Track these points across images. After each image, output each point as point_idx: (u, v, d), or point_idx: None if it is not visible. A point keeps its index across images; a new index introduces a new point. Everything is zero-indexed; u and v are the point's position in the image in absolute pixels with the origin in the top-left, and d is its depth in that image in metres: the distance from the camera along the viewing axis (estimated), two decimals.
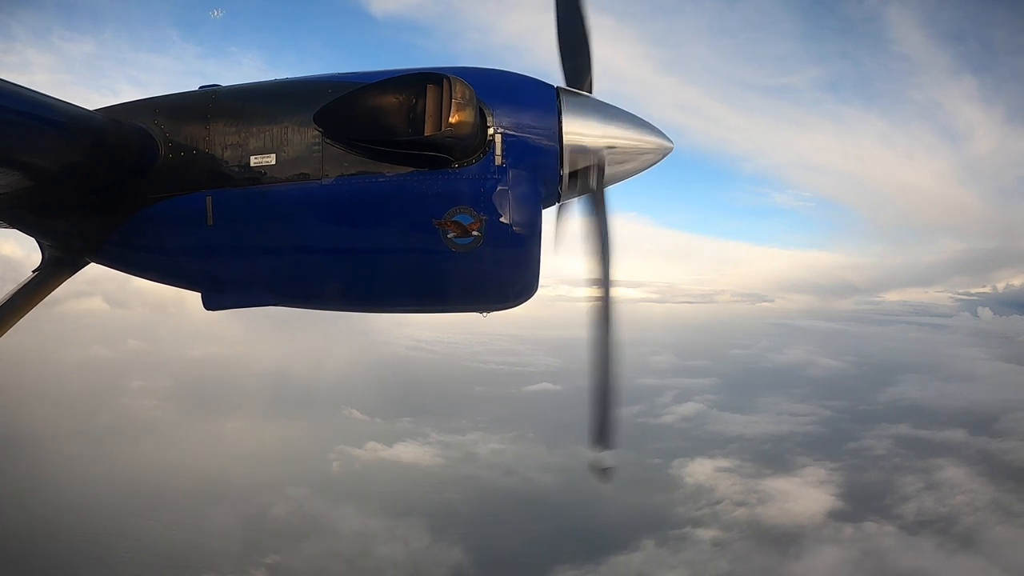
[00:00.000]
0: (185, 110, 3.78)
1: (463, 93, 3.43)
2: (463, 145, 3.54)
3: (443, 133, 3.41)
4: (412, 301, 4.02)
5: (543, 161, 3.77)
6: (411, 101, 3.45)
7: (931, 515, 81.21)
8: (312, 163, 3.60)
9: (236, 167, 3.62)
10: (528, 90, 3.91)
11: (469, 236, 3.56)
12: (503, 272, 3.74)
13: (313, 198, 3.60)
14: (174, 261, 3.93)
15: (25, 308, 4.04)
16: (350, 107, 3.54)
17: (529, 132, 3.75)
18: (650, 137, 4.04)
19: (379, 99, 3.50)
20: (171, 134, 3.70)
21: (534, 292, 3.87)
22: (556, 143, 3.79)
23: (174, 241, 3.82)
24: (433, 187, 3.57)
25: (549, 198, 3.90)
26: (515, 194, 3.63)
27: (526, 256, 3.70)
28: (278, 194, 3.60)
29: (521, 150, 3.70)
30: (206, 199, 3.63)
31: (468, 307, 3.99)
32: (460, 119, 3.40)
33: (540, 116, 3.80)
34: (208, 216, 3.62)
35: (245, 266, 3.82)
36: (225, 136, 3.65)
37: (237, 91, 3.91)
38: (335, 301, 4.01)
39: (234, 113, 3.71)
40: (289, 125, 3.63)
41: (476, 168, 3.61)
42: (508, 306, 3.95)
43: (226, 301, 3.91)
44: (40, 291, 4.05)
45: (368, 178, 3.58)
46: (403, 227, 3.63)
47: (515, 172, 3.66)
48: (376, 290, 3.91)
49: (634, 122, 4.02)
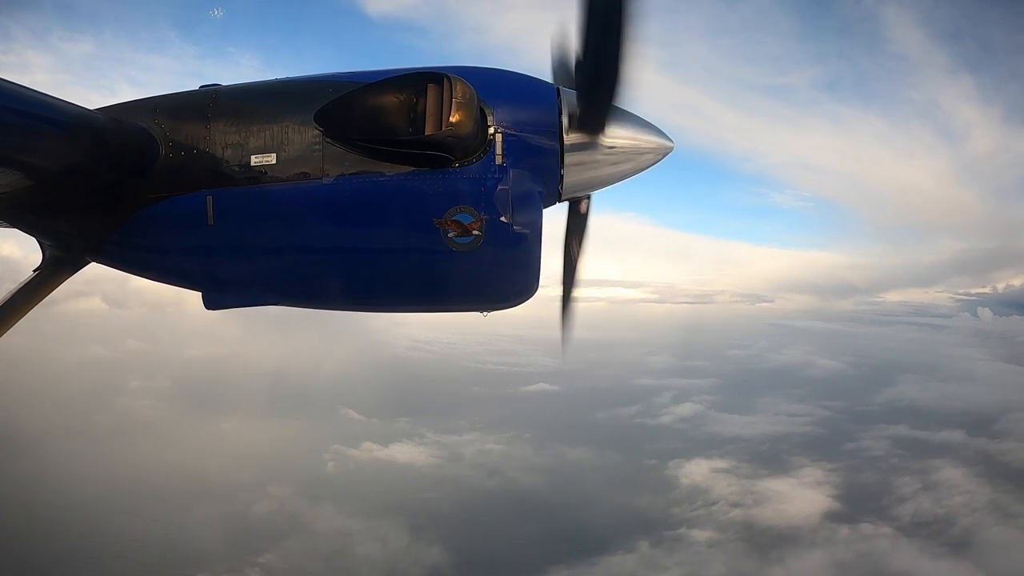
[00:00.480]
0: (185, 109, 3.78)
1: (464, 92, 3.43)
2: (463, 144, 3.54)
3: (443, 132, 3.41)
4: (413, 300, 4.02)
5: (544, 160, 3.77)
6: (412, 100, 3.45)
7: (928, 516, 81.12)
8: (313, 162, 3.59)
9: (236, 166, 3.62)
10: (529, 89, 3.91)
11: (469, 235, 3.55)
12: (503, 271, 3.74)
13: (313, 197, 3.60)
14: (174, 261, 3.93)
15: (26, 307, 4.04)
16: (351, 106, 3.53)
17: (530, 131, 3.73)
18: (651, 137, 4.03)
19: (380, 98, 3.50)
20: (171, 133, 3.70)
21: (534, 291, 3.88)
22: (557, 142, 3.77)
23: (174, 241, 3.81)
24: (433, 186, 3.57)
25: (549, 197, 3.90)
26: (516, 193, 3.61)
27: (526, 255, 3.70)
28: (278, 193, 3.60)
29: (522, 149, 3.70)
30: (206, 198, 3.62)
31: (469, 306, 4.00)
32: (460, 118, 3.40)
33: (541, 115, 3.79)
34: (208, 215, 3.61)
35: (245, 265, 3.82)
36: (225, 135, 3.64)
37: (237, 90, 3.91)
38: (336, 300, 4.01)
39: (234, 112, 3.70)
40: (289, 124, 3.63)
41: (477, 167, 3.60)
42: (509, 305, 3.95)
43: (227, 300, 3.91)
44: (41, 290, 4.05)
45: (369, 177, 3.58)
46: (404, 226, 3.63)
47: (516, 171, 3.65)
48: (377, 289, 3.91)
49: (635, 122, 3.98)
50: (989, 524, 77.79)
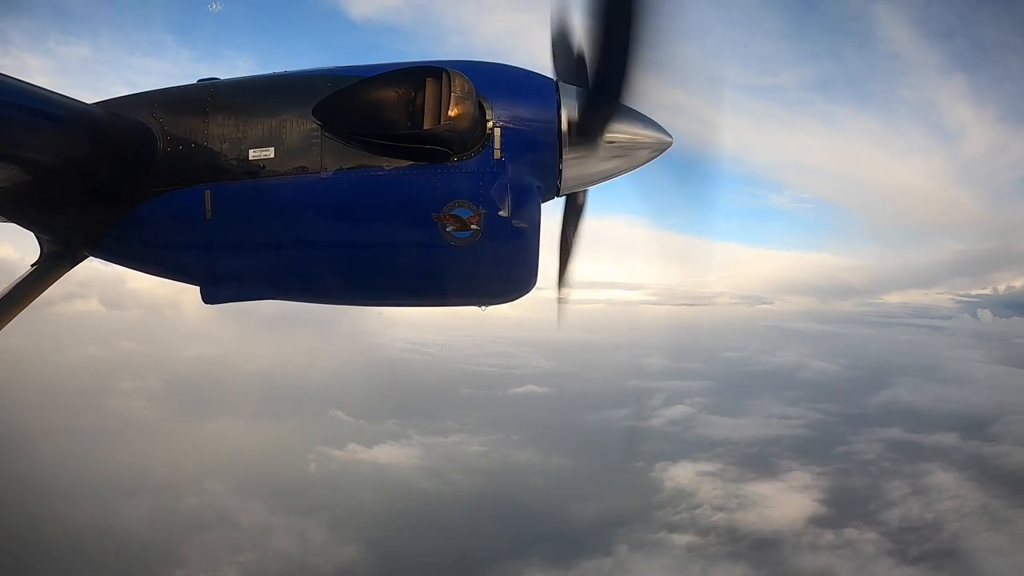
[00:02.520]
0: (184, 103, 3.75)
1: (462, 87, 3.41)
2: (462, 139, 3.52)
3: (442, 127, 3.39)
4: (410, 295, 4.04)
5: (542, 155, 3.74)
6: (410, 94, 3.47)
7: (916, 521, 79.28)
8: (311, 156, 3.57)
9: (235, 160, 3.60)
10: (527, 84, 3.88)
11: (468, 230, 3.55)
12: (502, 266, 3.75)
13: (312, 191, 3.58)
14: (173, 255, 3.92)
15: (24, 302, 4.02)
16: (349, 100, 3.52)
17: (528, 126, 3.72)
18: (650, 132, 3.98)
19: (378, 92, 3.51)
20: (170, 127, 3.66)
21: (533, 286, 3.87)
22: (555, 137, 3.74)
23: (173, 235, 3.79)
24: (432, 181, 3.55)
25: (548, 192, 3.89)
26: (514, 188, 3.60)
27: (525, 250, 3.69)
28: (277, 187, 3.58)
29: (520, 144, 3.68)
30: (205, 192, 3.61)
31: (466, 301, 4.02)
32: (459, 113, 3.38)
33: (539, 110, 3.76)
34: (207, 210, 3.60)
35: (244, 260, 3.82)
36: (224, 129, 3.63)
37: (236, 84, 3.89)
38: (334, 295, 4.04)
39: (233, 106, 3.68)
40: (288, 118, 3.61)
41: (475, 162, 3.59)
42: (506, 300, 3.96)
43: (225, 295, 3.90)
44: (39, 285, 4.03)
45: (367, 171, 3.56)
46: (402, 221, 3.62)
47: (514, 166, 3.64)
48: (375, 284, 3.91)
49: (634, 116, 3.91)
50: (978, 530, 75.90)
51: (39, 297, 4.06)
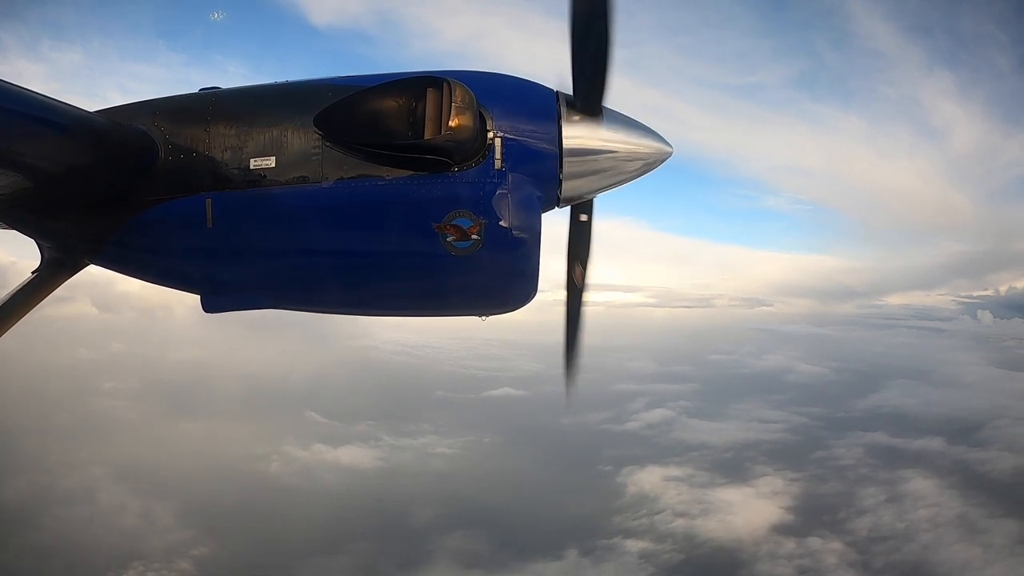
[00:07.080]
0: (185, 112, 3.76)
1: (463, 97, 3.43)
2: (463, 149, 3.53)
3: (443, 137, 3.41)
4: (411, 305, 4.11)
5: (543, 165, 3.76)
6: (411, 104, 3.47)
7: (886, 531, 75.41)
8: (312, 166, 3.58)
9: (236, 169, 3.60)
10: (528, 94, 3.89)
11: (468, 240, 3.53)
12: (502, 276, 3.74)
13: (313, 201, 3.58)
14: (173, 263, 3.92)
15: (24, 309, 4.03)
16: (350, 110, 3.54)
17: (529, 136, 3.73)
18: (649, 142, 3.98)
19: (379, 102, 3.52)
20: (171, 136, 3.68)
21: (533, 296, 3.85)
22: (556, 147, 3.76)
23: (174, 243, 3.80)
24: (433, 191, 3.55)
25: (548, 202, 3.88)
26: (514, 198, 3.60)
27: (525, 260, 3.67)
28: (278, 197, 3.58)
29: (521, 154, 3.69)
30: (206, 201, 3.60)
31: (467, 311, 4.01)
32: (460, 123, 3.40)
33: (540, 120, 3.78)
34: (208, 218, 3.60)
35: (244, 269, 3.82)
36: (225, 138, 3.63)
37: (237, 93, 3.89)
38: (334, 304, 4.03)
39: (234, 115, 3.68)
40: (289, 128, 3.62)
41: (476, 172, 3.59)
42: (507, 310, 3.95)
43: (225, 304, 3.87)
44: (39, 292, 4.05)
45: (368, 181, 3.57)
46: (402, 230, 3.62)
47: (515, 176, 3.64)
48: (375, 293, 3.92)
49: (634, 126, 3.94)
50: (951, 541, 71.92)
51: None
